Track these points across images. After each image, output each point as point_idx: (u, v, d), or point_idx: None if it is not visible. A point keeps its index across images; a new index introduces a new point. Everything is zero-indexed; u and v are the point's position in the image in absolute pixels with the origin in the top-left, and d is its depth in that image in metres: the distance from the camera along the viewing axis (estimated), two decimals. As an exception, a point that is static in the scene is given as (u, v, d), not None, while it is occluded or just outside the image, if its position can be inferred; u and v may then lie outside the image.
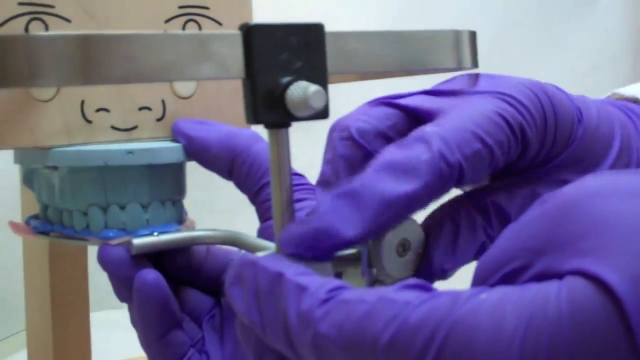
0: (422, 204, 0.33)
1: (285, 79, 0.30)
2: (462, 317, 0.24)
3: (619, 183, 0.26)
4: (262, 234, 0.45)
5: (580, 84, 1.59)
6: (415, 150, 0.33)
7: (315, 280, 0.28)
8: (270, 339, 0.29)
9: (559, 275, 0.25)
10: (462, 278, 0.38)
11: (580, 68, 1.54)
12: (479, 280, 0.28)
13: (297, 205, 0.44)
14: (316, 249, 0.31)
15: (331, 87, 0.33)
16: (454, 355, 0.24)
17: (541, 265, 0.25)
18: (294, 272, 0.29)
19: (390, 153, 0.33)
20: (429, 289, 0.26)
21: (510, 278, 0.27)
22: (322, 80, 0.31)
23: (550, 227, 0.26)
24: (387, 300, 0.26)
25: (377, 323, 0.25)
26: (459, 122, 0.34)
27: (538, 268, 0.26)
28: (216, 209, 1.28)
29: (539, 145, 0.37)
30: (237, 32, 0.30)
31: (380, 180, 0.32)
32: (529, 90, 0.37)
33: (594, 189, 0.26)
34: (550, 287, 0.24)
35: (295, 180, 0.46)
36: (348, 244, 0.31)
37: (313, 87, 0.30)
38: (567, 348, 0.23)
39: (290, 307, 0.28)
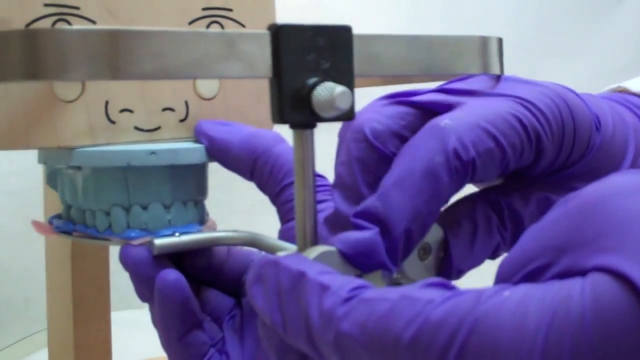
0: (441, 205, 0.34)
1: (312, 80, 0.30)
2: (484, 314, 0.24)
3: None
4: (283, 235, 0.45)
5: (604, 86, 1.57)
6: (429, 155, 0.34)
7: (337, 280, 0.28)
8: (291, 338, 0.29)
9: (582, 273, 0.24)
10: (472, 276, 0.39)
11: (605, 71, 1.53)
12: (502, 279, 0.28)
13: (319, 207, 0.44)
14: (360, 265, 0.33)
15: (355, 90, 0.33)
16: (476, 352, 0.24)
17: (564, 263, 0.25)
18: (316, 271, 0.29)
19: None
20: (451, 287, 0.26)
21: (533, 276, 0.26)
22: (348, 81, 0.31)
23: (572, 225, 0.26)
24: (409, 298, 0.26)
25: (399, 321, 0.25)
26: (474, 118, 0.34)
27: (561, 266, 0.25)
28: (235, 210, 1.28)
29: (555, 154, 0.37)
30: (265, 31, 0.30)
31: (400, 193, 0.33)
32: (549, 99, 0.36)
33: (616, 188, 0.26)
34: (573, 284, 0.24)
35: (317, 182, 0.46)
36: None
37: (339, 88, 0.30)
38: (591, 345, 0.22)
39: (312, 306, 0.28)
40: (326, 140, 0.46)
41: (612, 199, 0.25)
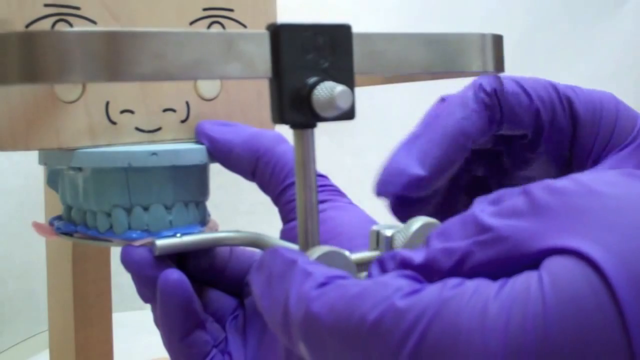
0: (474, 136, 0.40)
1: (312, 79, 0.30)
2: (446, 301, 0.24)
3: (600, 176, 0.26)
4: (284, 235, 0.45)
5: (605, 86, 1.57)
6: (464, 91, 0.41)
7: (322, 269, 0.29)
8: (271, 322, 0.29)
9: (542, 255, 0.24)
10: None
11: (605, 71, 1.53)
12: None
13: (321, 207, 0.44)
14: (391, 185, 0.37)
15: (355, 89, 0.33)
16: (437, 339, 0.24)
17: (525, 247, 0.25)
18: (306, 260, 0.30)
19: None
20: (422, 281, 0.27)
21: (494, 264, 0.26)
22: (348, 80, 0.31)
23: (531, 211, 0.26)
24: (380, 283, 0.26)
25: (366, 303, 0.26)
26: (510, 76, 0.41)
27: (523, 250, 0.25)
28: (239, 211, 1.28)
29: (594, 131, 0.40)
30: (264, 31, 0.30)
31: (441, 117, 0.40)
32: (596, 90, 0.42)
33: (576, 180, 0.26)
34: (532, 274, 0.24)
35: (318, 182, 0.46)
36: (419, 181, 0.38)
37: (339, 88, 0.30)
38: (553, 325, 0.22)
39: (292, 290, 0.28)
40: (328, 141, 0.47)
41: (571, 187, 0.26)
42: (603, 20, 1.55)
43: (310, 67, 0.30)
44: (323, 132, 0.33)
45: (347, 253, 0.32)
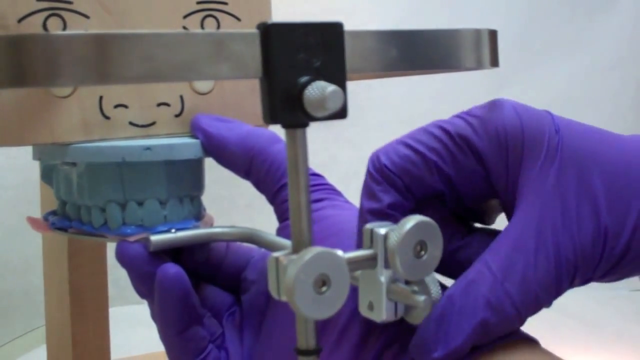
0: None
1: (303, 79, 0.30)
2: None
3: None
4: (280, 234, 0.45)
5: (603, 79, 1.58)
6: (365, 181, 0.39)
7: None
8: None
9: None
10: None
11: (602, 64, 1.53)
12: None
13: (316, 206, 0.44)
14: None
15: (352, 85, 0.33)
16: None
17: None
18: None
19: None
20: None
21: None
22: (340, 79, 0.31)
23: None
24: None
25: None
26: (397, 139, 0.39)
27: None
28: (237, 205, 1.28)
29: (501, 157, 0.37)
30: (255, 31, 0.30)
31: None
32: (492, 104, 0.38)
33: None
34: None
35: (314, 181, 0.46)
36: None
37: (331, 87, 0.30)
38: None
39: None
40: (325, 134, 0.46)
41: None
42: (600, 12, 1.55)
43: (301, 67, 0.30)
44: (320, 126, 0.33)
45: (339, 253, 0.32)
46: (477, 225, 0.41)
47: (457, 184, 0.38)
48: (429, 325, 0.35)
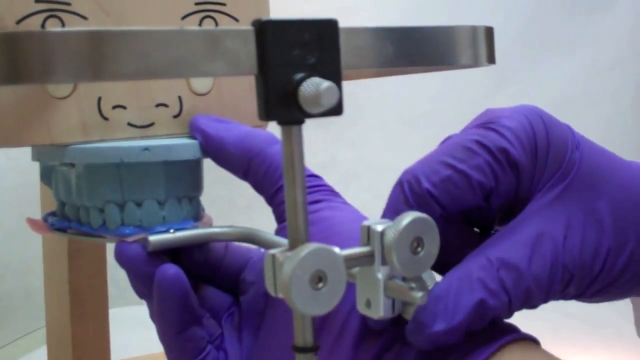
0: None
1: (298, 75, 0.30)
2: None
3: None
4: (278, 234, 0.45)
5: (603, 79, 1.58)
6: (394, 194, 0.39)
7: None
8: None
9: None
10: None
11: (603, 62, 1.53)
12: None
13: (314, 207, 0.44)
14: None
15: (351, 85, 0.33)
16: None
17: None
18: None
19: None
20: None
21: None
22: (335, 76, 0.31)
23: None
24: None
25: None
26: (431, 156, 0.38)
27: None
28: (236, 206, 1.28)
29: (532, 168, 0.38)
30: (249, 27, 0.30)
31: None
32: (519, 114, 0.38)
33: None
34: None
35: (311, 182, 0.46)
36: None
37: (326, 84, 0.30)
38: None
39: None
40: (323, 134, 0.46)
41: None
42: (600, 11, 1.55)
43: (296, 63, 0.30)
44: (319, 125, 0.33)
45: (336, 249, 0.32)
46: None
47: (494, 197, 0.39)
48: (427, 304, 0.36)
